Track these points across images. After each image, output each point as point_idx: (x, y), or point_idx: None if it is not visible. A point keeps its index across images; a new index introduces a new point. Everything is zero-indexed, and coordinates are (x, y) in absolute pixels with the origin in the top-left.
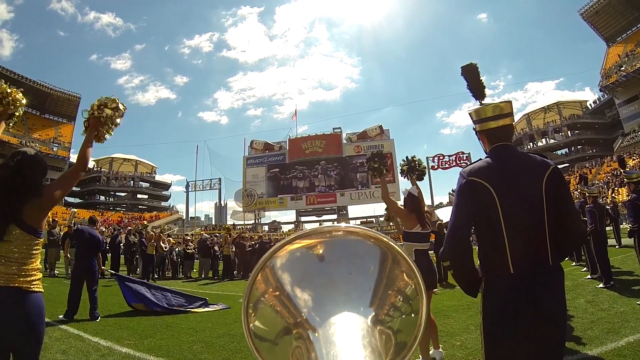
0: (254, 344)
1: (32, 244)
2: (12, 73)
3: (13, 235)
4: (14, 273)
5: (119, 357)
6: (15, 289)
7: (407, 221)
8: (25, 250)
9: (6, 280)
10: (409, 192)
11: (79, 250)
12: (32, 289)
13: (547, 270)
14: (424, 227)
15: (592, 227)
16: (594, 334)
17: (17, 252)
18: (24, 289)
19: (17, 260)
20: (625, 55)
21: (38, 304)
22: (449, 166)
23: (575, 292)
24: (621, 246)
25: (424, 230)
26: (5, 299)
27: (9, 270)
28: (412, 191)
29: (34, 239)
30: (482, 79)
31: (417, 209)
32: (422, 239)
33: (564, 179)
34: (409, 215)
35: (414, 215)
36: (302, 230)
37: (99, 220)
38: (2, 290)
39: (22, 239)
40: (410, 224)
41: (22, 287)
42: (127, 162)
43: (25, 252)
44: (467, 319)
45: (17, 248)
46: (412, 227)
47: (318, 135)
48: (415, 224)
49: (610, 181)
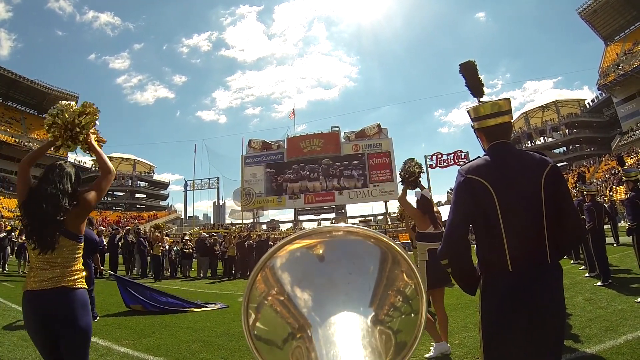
0: (254, 343)
1: (74, 249)
2: (10, 73)
3: (59, 243)
4: (59, 275)
5: (117, 356)
6: (61, 289)
7: (421, 222)
8: (69, 254)
9: (53, 283)
10: (422, 194)
11: None
12: (77, 285)
13: (545, 268)
14: (436, 227)
15: (590, 225)
16: (592, 332)
17: (62, 256)
18: (69, 287)
19: (61, 264)
20: (623, 54)
21: (82, 298)
22: (447, 165)
23: (574, 290)
24: (619, 244)
25: (436, 230)
26: (53, 298)
27: (54, 274)
28: (425, 193)
29: (76, 244)
30: (481, 77)
31: (430, 211)
32: (435, 239)
33: (563, 177)
34: (423, 217)
35: (427, 217)
36: (302, 230)
37: (97, 219)
38: (50, 292)
39: (65, 245)
40: (424, 225)
41: (67, 285)
42: (125, 162)
43: (69, 257)
44: (465, 317)
45: (62, 253)
46: (425, 227)
47: (316, 134)
48: (428, 224)
49: (608, 179)
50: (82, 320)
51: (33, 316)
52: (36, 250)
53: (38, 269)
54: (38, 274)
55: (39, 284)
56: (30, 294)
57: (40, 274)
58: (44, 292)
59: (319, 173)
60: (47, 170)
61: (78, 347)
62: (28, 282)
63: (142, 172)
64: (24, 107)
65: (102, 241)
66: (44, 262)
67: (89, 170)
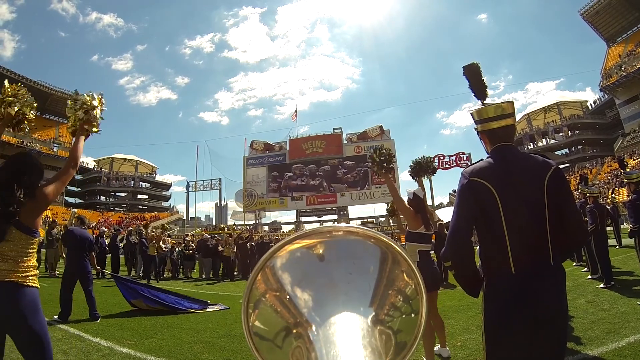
0: (254, 343)
1: (28, 243)
2: (13, 73)
3: (11, 235)
4: (9, 269)
5: (119, 357)
6: (11, 283)
7: (412, 221)
8: (22, 248)
9: (2, 275)
10: (414, 192)
11: (70, 251)
12: (27, 283)
13: (548, 270)
14: (427, 228)
15: (592, 227)
16: (594, 334)
17: (15, 250)
18: (19, 283)
19: (13, 257)
20: (625, 55)
21: (33, 298)
22: (449, 166)
23: (576, 293)
24: (622, 246)
25: (427, 231)
26: (1, 292)
27: (5, 266)
28: (417, 192)
29: (30, 238)
30: (484, 79)
31: (422, 210)
32: (425, 240)
33: (566, 179)
34: (415, 216)
35: (419, 216)
36: (302, 230)
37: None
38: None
39: (18, 238)
40: (415, 224)
41: (17, 281)
42: (128, 163)
43: (22, 251)
44: (467, 319)
45: (14, 247)
46: (416, 227)
47: (318, 135)
48: (420, 224)
49: (610, 181)
50: (30, 320)
51: None
52: None
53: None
54: None
55: None
56: None
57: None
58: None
59: (321, 174)
60: (7, 161)
61: (28, 348)
62: None
63: (145, 173)
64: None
65: (104, 242)
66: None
67: (91, 171)
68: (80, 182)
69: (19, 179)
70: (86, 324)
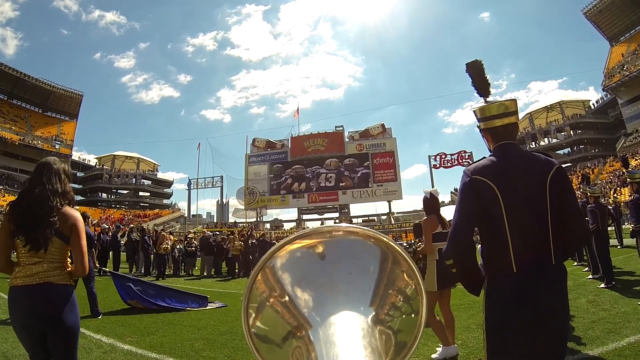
0: (254, 343)
1: (64, 248)
2: (15, 71)
3: (53, 243)
4: (44, 271)
5: (121, 354)
6: (47, 285)
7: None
8: (58, 252)
9: (39, 278)
10: (431, 193)
11: None
12: (63, 282)
13: (550, 269)
14: (444, 227)
15: (593, 226)
16: (595, 334)
17: (50, 253)
18: (55, 283)
19: (48, 260)
20: (628, 55)
21: (69, 295)
22: (451, 165)
23: (577, 292)
24: (623, 246)
25: (444, 229)
26: (39, 294)
27: (40, 269)
28: (433, 192)
29: (67, 244)
30: (487, 77)
31: (436, 210)
32: (444, 238)
33: (568, 178)
34: (431, 218)
35: (434, 217)
36: (302, 230)
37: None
38: (36, 288)
39: (56, 244)
40: (433, 225)
41: (53, 282)
42: (129, 160)
43: (57, 254)
44: (468, 317)
45: (55, 252)
46: (434, 228)
47: (320, 133)
48: (436, 225)
49: (612, 181)
50: (68, 317)
51: (19, 312)
52: (26, 247)
53: (25, 265)
54: (24, 270)
55: (25, 280)
56: (16, 290)
57: (26, 269)
58: (30, 287)
59: (323, 172)
60: (35, 170)
61: (65, 344)
62: (14, 277)
63: (146, 170)
64: (28, 105)
65: (106, 238)
66: (31, 257)
67: (93, 168)
68: (82, 180)
69: (52, 187)
70: (87, 321)
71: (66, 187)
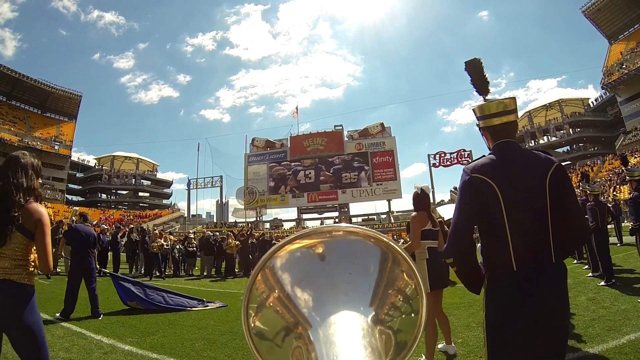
0: (254, 343)
1: (29, 245)
2: (13, 72)
3: (14, 238)
4: (5, 267)
5: (121, 354)
6: (6, 282)
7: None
8: (21, 249)
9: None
10: (422, 188)
11: (75, 248)
12: (24, 281)
13: (550, 267)
14: (434, 224)
15: (593, 224)
16: (595, 331)
17: (15, 251)
18: (15, 281)
19: (9, 256)
20: (627, 53)
21: (28, 295)
22: (450, 163)
23: (577, 290)
24: (622, 244)
25: (434, 227)
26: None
27: (3, 265)
28: (425, 188)
29: (31, 241)
30: (486, 75)
31: (427, 206)
32: (433, 236)
33: (568, 176)
34: (420, 214)
35: (424, 213)
36: (302, 230)
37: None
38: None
39: (18, 239)
40: (422, 222)
41: (13, 279)
42: (129, 160)
43: (20, 251)
44: (468, 316)
45: (16, 248)
46: (424, 224)
47: (319, 132)
48: (426, 221)
49: (611, 179)
50: (26, 318)
51: None
52: None
53: None
54: None
55: None
56: None
57: None
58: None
59: (322, 172)
60: (3, 163)
61: (24, 345)
62: None
63: (146, 170)
64: (27, 106)
65: (105, 239)
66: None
67: (92, 169)
68: (82, 180)
69: (17, 182)
70: (88, 322)
71: (33, 182)
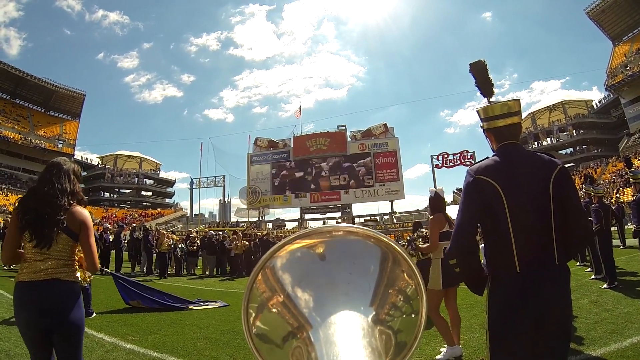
0: (254, 343)
1: (72, 245)
2: (17, 70)
3: (60, 240)
4: (51, 267)
5: (123, 353)
6: (54, 281)
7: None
8: (65, 249)
9: (46, 274)
10: (436, 191)
11: None
12: (70, 279)
13: (553, 269)
14: (450, 225)
15: (597, 227)
16: (597, 334)
17: (57, 250)
18: (62, 280)
19: (55, 257)
20: (631, 55)
21: (75, 292)
22: (453, 165)
23: (579, 293)
24: (626, 247)
25: (450, 228)
26: (45, 290)
27: (47, 265)
28: (439, 191)
29: (75, 242)
30: (490, 77)
31: (442, 208)
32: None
33: (571, 178)
34: (438, 216)
35: (441, 215)
36: (302, 230)
37: (103, 216)
38: (43, 284)
39: (63, 241)
40: (440, 224)
41: (60, 278)
42: (132, 159)
43: (65, 251)
44: (470, 317)
45: (58, 247)
46: (442, 226)
47: (322, 132)
48: (444, 223)
49: (615, 181)
50: (74, 314)
51: (23, 307)
52: (32, 242)
53: (31, 261)
54: (31, 266)
55: (31, 275)
56: (22, 285)
57: (33, 265)
58: (36, 283)
59: (325, 172)
60: (45, 169)
61: (70, 341)
62: (20, 273)
63: (149, 169)
64: (31, 105)
65: (109, 238)
66: (37, 254)
67: (95, 168)
68: (85, 179)
69: (61, 187)
70: (89, 320)
71: (75, 187)
